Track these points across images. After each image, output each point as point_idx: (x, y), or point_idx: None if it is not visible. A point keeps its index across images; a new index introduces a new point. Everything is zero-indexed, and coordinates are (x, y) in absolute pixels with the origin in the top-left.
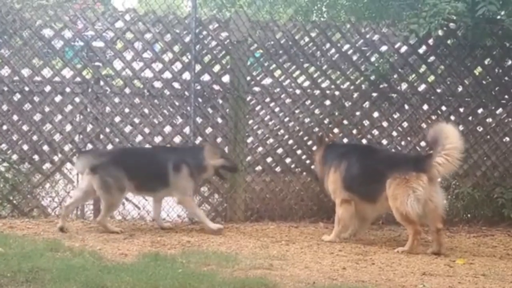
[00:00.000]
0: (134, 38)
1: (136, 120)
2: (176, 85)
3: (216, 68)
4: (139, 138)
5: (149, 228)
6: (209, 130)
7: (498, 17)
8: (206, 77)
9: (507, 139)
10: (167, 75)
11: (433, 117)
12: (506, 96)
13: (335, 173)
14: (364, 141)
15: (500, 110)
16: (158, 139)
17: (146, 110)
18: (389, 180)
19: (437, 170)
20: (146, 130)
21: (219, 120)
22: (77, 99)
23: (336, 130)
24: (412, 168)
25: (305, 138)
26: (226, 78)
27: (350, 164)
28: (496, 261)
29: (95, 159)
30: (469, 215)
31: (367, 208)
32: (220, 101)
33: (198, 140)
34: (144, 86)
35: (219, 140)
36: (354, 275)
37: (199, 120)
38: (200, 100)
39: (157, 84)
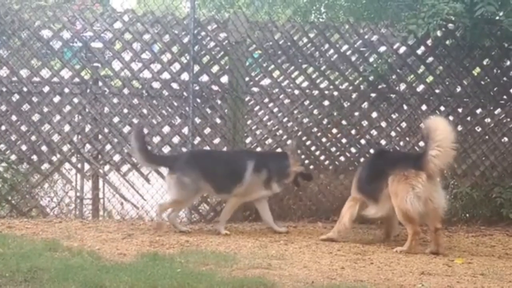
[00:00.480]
0: (132, 38)
1: (135, 121)
2: (174, 85)
3: (215, 68)
4: None
5: (147, 228)
6: (207, 130)
7: (497, 17)
8: (204, 78)
9: (506, 139)
10: (166, 75)
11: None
12: (505, 97)
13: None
14: (362, 141)
15: (498, 111)
16: (156, 140)
17: (144, 111)
18: (390, 178)
19: (434, 163)
20: (145, 131)
21: (218, 121)
22: (75, 100)
23: (334, 131)
24: (411, 165)
25: (304, 138)
26: (224, 79)
27: (364, 166)
28: (494, 260)
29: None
30: (467, 215)
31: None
32: (219, 102)
33: (197, 140)
34: (143, 87)
35: (217, 140)
36: (353, 275)
37: (197, 120)
38: (198, 100)
39: (156, 85)
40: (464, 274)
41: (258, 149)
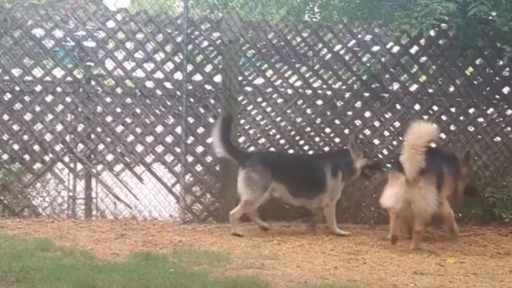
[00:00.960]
0: (125, 38)
1: (128, 120)
2: (168, 85)
3: (208, 68)
4: (130, 138)
5: (140, 228)
6: (201, 130)
7: (490, 17)
8: (198, 77)
9: (498, 139)
10: (159, 75)
11: (425, 117)
12: (497, 96)
13: None
14: None
15: (491, 110)
16: (150, 139)
17: (137, 110)
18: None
19: (405, 167)
20: (138, 130)
21: (211, 120)
22: (68, 99)
23: (327, 130)
24: (396, 168)
25: (297, 138)
26: (218, 78)
27: None
28: (487, 260)
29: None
30: (460, 214)
31: None
32: (212, 101)
33: (190, 140)
34: (136, 86)
35: (210, 140)
36: (346, 274)
37: (191, 120)
38: (192, 100)
39: (149, 84)
40: (457, 274)
41: (252, 148)
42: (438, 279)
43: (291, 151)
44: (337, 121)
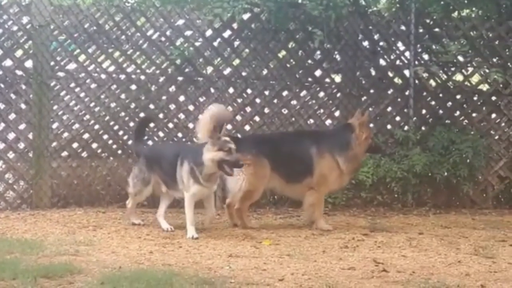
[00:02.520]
0: None
1: None
2: None
3: (19, 53)
4: None
5: None
6: (12, 116)
7: (300, 1)
8: (8, 62)
9: (312, 121)
10: None
11: (239, 100)
12: (310, 79)
13: None
14: (170, 125)
15: (304, 93)
16: None
17: None
18: None
19: None
20: None
21: (23, 106)
22: None
23: (142, 115)
24: None
25: (111, 123)
26: (29, 63)
27: None
28: (301, 241)
29: None
30: (275, 197)
31: None
32: (23, 87)
33: (1, 126)
34: None
35: (22, 126)
36: (161, 259)
37: (1, 106)
38: (2, 85)
39: None
40: (272, 256)
41: (54, 134)
42: (253, 261)
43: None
44: (151, 106)
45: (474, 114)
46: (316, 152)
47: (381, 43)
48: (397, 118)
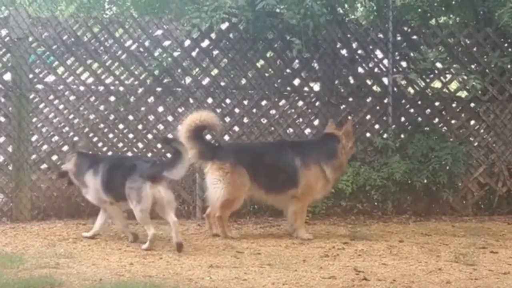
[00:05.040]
0: None
1: None
2: None
3: None
4: None
5: None
6: None
7: (278, 10)
8: None
9: (291, 130)
10: None
11: (218, 110)
12: (288, 88)
13: None
14: (149, 136)
15: (283, 102)
16: None
17: None
18: None
19: None
20: None
21: (2, 119)
22: None
23: (121, 126)
24: None
25: (91, 135)
26: (7, 76)
27: None
28: (281, 250)
29: None
30: (256, 207)
31: None
32: (2, 100)
33: None
34: None
35: (1, 139)
36: (142, 270)
37: None
38: None
39: None
40: (252, 265)
41: (33, 146)
42: (233, 271)
43: None
44: (130, 117)
45: (453, 121)
46: (301, 163)
47: (359, 51)
48: (376, 126)
